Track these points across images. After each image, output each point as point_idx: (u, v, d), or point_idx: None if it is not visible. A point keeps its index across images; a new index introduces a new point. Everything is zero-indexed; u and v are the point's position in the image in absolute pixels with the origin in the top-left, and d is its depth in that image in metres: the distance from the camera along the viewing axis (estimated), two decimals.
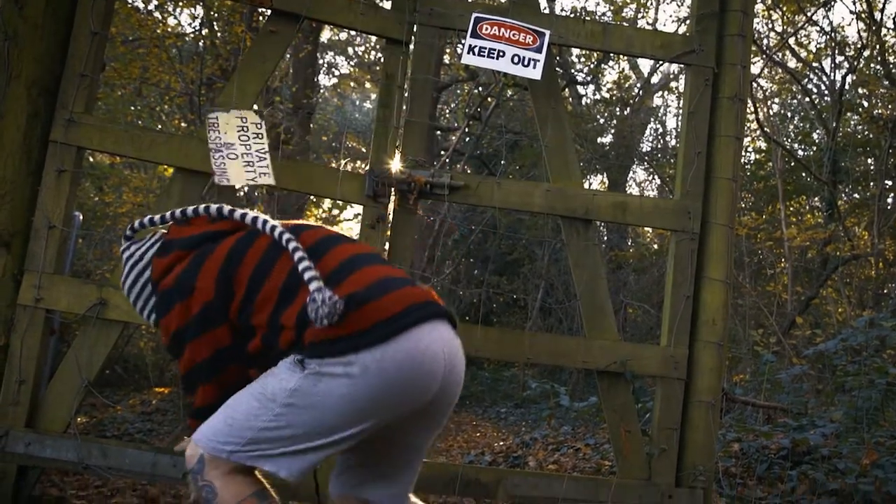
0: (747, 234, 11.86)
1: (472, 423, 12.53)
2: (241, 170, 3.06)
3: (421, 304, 1.90)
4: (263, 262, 1.96)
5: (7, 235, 2.93)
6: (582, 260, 3.36)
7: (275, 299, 1.90)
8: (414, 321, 1.84)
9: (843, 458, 4.38)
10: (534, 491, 3.21)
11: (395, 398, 1.84)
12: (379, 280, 1.90)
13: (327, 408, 1.81)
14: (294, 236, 1.94)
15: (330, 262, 1.93)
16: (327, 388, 1.80)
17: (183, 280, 1.97)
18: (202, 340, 1.95)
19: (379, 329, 1.80)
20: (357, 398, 1.80)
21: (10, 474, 2.90)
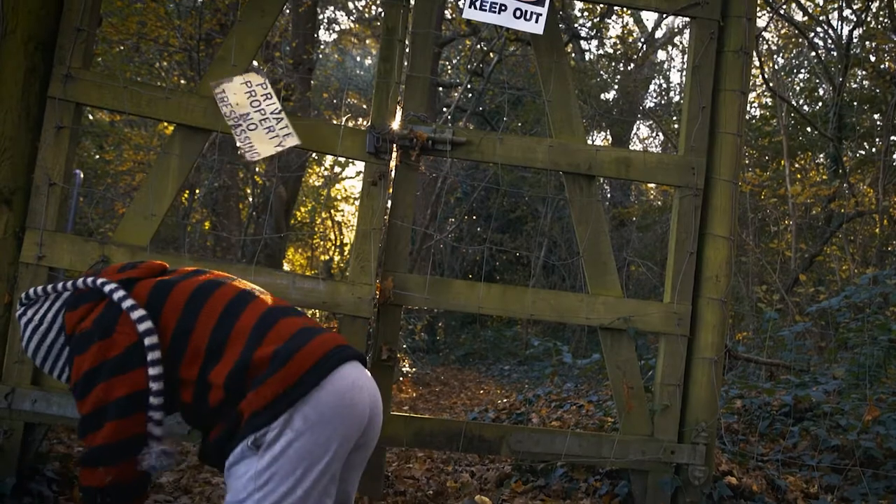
0: (751, 190, 11.81)
1: (476, 380, 12.61)
2: (266, 138, 3.03)
3: (338, 347, 2.04)
4: (185, 316, 2.03)
5: (8, 192, 2.92)
6: (585, 216, 3.34)
7: (202, 357, 2.00)
8: (336, 363, 1.99)
9: (844, 415, 4.41)
10: (537, 447, 3.23)
11: (341, 434, 1.97)
12: (299, 331, 2.03)
13: (291, 465, 1.92)
14: (206, 296, 2.05)
15: (247, 322, 2.02)
16: (283, 450, 1.91)
17: (103, 322, 2.00)
18: (119, 380, 1.97)
19: (307, 379, 1.94)
20: (311, 446, 1.93)
21: (18, 431, 2.92)
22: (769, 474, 3.58)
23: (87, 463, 1.95)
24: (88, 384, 1.97)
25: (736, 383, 5.60)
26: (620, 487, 3.47)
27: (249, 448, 1.93)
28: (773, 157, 13.43)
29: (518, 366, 13.73)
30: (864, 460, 3.79)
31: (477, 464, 4.63)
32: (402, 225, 3.25)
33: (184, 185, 3.26)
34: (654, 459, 3.26)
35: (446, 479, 3.98)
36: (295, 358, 1.94)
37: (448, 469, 4.47)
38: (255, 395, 1.91)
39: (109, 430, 1.96)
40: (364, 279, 3.13)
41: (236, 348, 1.98)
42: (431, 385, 11.11)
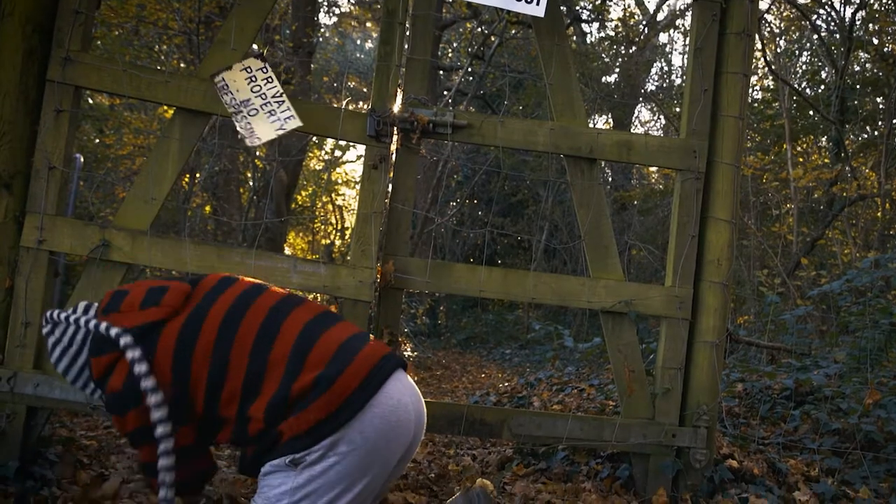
0: (753, 174, 11.78)
1: (477, 364, 12.64)
2: (267, 123, 3.02)
3: (380, 361, 2.02)
4: (217, 356, 2.01)
5: (7, 176, 2.91)
6: (586, 199, 3.33)
7: (239, 395, 1.99)
8: (380, 382, 1.98)
9: (845, 398, 4.41)
10: (538, 430, 3.24)
11: (383, 456, 1.98)
12: (339, 349, 1.99)
13: (328, 485, 1.92)
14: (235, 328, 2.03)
15: (283, 348, 2.00)
16: (323, 471, 1.91)
17: (132, 386, 1.99)
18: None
19: (352, 403, 1.93)
20: (352, 469, 1.93)
21: (20, 415, 2.92)
22: (770, 457, 3.59)
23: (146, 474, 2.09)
24: (139, 441, 2.03)
25: (737, 367, 5.61)
26: (622, 470, 3.48)
27: (288, 465, 1.93)
28: (774, 141, 13.38)
29: (519, 350, 13.75)
30: (865, 444, 3.80)
31: (478, 447, 4.65)
32: (403, 208, 3.25)
33: (184, 168, 3.25)
34: (656, 443, 3.26)
35: (448, 463, 3.99)
36: (338, 381, 1.93)
37: (450, 452, 4.48)
38: (297, 420, 1.91)
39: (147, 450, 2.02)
40: (365, 263, 3.13)
41: (275, 380, 1.96)
42: (433, 369, 11.14)
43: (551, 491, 3.34)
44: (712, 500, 3.21)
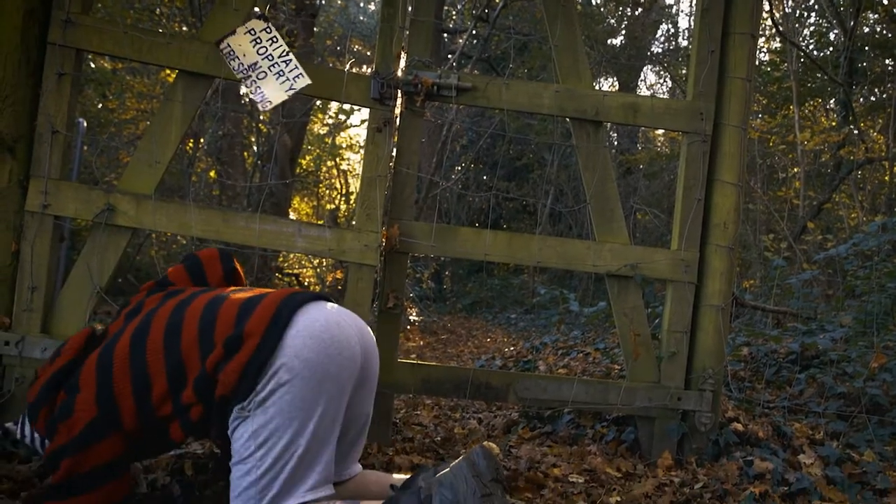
0: (759, 137, 11.69)
1: (483, 328, 12.67)
2: (277, 85, 3.00)
3: (286, 298, 2.04)
4: (136, 370, 2.00)
5: (10, 140, 2.89)
6: (592, 162, 3.31)
7: (169, 393, 1.99)
8: (292, 310, 1.99)
9: (851, 362, 4.41)
10: (544, 394, 3.25)
11: (333, 375, 1.97)
12: (239, 308, 2.02)
13: (287, 418, 1.92)
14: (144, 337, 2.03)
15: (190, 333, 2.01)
16: (275, 405, 1.91)
17: (63, 408, 1.99)
18: (84, 455, 1.97)
19: (270, 334, 1.94)
20: (304, 394, 1.93)
21: (29, 379, 2.93)
22: (775, 421, 3.60)
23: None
24: (55, 462, 1.97)
25: (743, 331, 5.61)
26: (627, 434, 3.49)
27: (240, 416, 1.93)
28: (781, 104, 13.27)
29: (525, 314, 13.78)
30: (870, 407, 3.81)
31: (484, 411, 4.67)
32: (408, 172, 3.23)
33: (188, 133, 3.23)
34: (661, 406, 3.27)
35: (454, 426, 4.01)
36: (245, 332, 1.94)
37: (455, 416, 4.50)
38: (225, 375, 1.91)
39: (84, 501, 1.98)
40: (370, 227, 3.12)
41: (194, 364, 1.97)
42: (438, 333, 11.18)
43: (557, 454, 3.36)
44: (717, 462, 3.23)
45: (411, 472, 2.76)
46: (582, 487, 2.95)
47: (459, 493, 1.95)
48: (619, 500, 2.79)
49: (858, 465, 3.21)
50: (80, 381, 2.01)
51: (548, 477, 3.01)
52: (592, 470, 3.16)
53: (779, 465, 3.11)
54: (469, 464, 2.00)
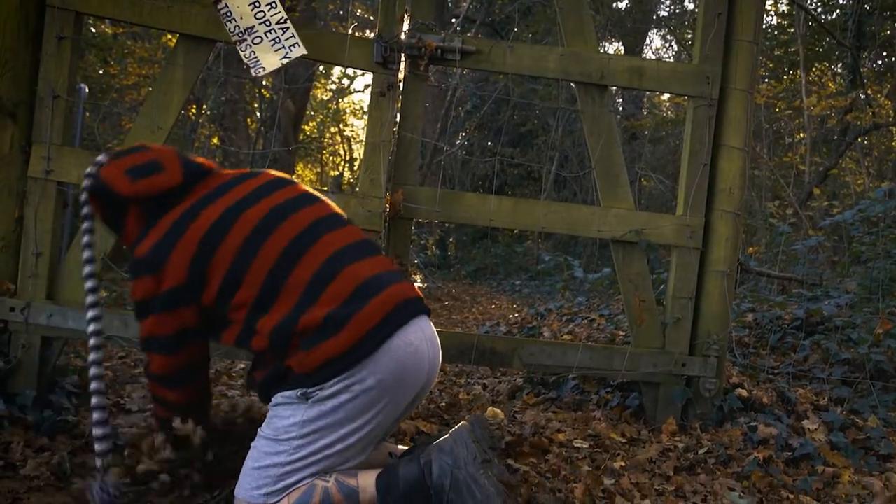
0: (766, 102, 11.61)
1: (487, 295, 12.69)
2: (271, 51, 2.96)
3: (399, 304, 2.01)
4: (238, 262, 2.00)
5: (11, 105, 2.87)
6: (597, 127, 3.28)
7: (250, 305, 1.99)
8: (396, 326, 1.97)
9: (856, 329, 4.41)
10: (548, 360, 3.25)
11: (395, 398, 1.99)
12: (359, 287, 1.98)
13: (338, 423, 1.94)
14: (266, 235, 2.02)
15: (305, 272, 1.98)
16: (334, 409, 1.93)
17: (154, 255, 2.00)
18: (167, 317, 2.02)
19: (368, 341, 1.92)
20: (363, 408, 1.94)
21: (35, 345, 2.94)
22: (779, 387, 3.61)
23: (151, 379, 2.11)
24: (143, 312, 2.04)
25: (748, 297, 5.60)
26: (631, 399, 3.50)
27: (298, 398, 1.93)
28: (788, 68, 13.15)
29: (529, 281, 13.79)
30: (875, 373, 3.81)
31: (489, 376, 4.69)
32: (412, 137, 3.20)
33: (190, 99, 3.20)
34: (666, 372, 3.27)
35: (459, 392, 4.03)
36: (349, 325, 1.91)
37: (460, 382, 4.52)
38: (307, 357, 1.90)
39: (158, 361, 2.07)
40: (374, 192, 3.10)
41: (287, 303, 1.95)
42: (443, 300, 11.20)
43: (561, 420, 3.37)
44: (721, 428, 3.23)
45: (417, 436, 2.77)
46: (586, 452, 2.96)
47: (459, 458, 1.97)
48: (623, 466, 2.80)
49: (862, 431, 3.22)
50: (179, 242, 2.01)
51: (552, 442, 3.02)
52: (597, 435, 3.17)
53: (783, 431, 3.12)
54: (468, 430, 2.02)
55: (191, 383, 2.16)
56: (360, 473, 2.00)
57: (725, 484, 2.66)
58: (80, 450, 2.54)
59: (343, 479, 1.96)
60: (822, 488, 2.73)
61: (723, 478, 2.75)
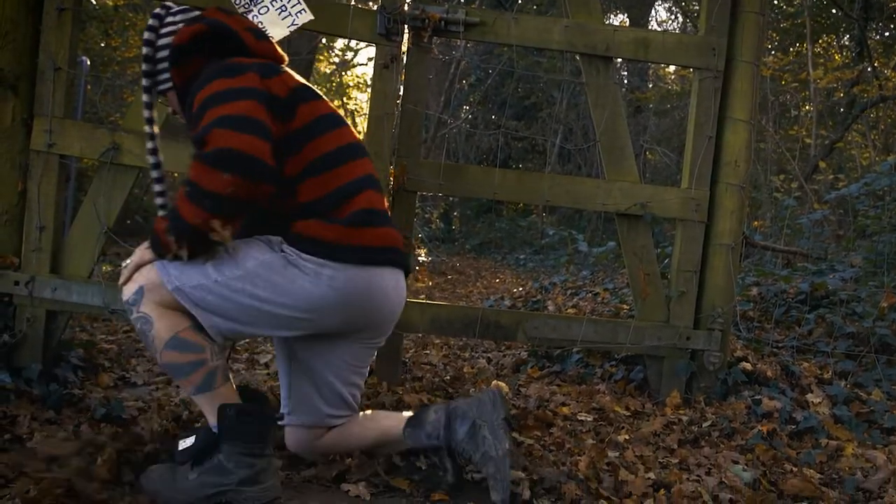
0: (772, 75, 11.51)
1: (491, 269, 12.70)
2: (278, 20, 2.93)
3: (398, 249, 2.15)
4: (317, 123, 2.09)
5: (13, 78, 2.85)
6: (602, 99, 3.26)
7: (307, 164, 2.04)
8: (387, 261, 2.10)
9: (861, 302, 4.40)
10: (553, 333, 3.25)
11: (340, 313, 2.06)
12: (377, 210, 2.11)
13: (283, 292, 1.98)
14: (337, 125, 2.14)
15: (354, 169, 2.11)
16: (292, 276, 1.98)
17: (266, 69, 2.05)
18: (261, 107, 1.92)
19: (358, 252, 2.02)
20: (312, 296, 2.00)
21: (40, 319, 2.95)
22: (784, 360, 3.61)
23: (214, 164, 1.80)
24: (205, 109, 1.90)
25: (752, 271, 5.59)
26: (636, 373, 3.51)
27: (277, 246, 2.01)
28: (795, 40, 13.03)
29: (534, 255, 13.78)
30: (879, 347, 3.81)
31: (493, 350, 4.69)
32: (415, 110, 3.18)
33: None
34: (670, 345, 3.27)
35: (463, 365, 4.04)
36: (362, 229, 2.04)
37: (465, 355, 4.53)
38: (315, 225, 2.00)
39: (248, 140, 1.84)
40: (378, 165, 3.08)
41: (337, 180, 2.06)
42: (447, 274, 11.20)
43: (566, 393, 3.37)
44: (725, 401, 3.24)
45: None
46: (591, 426, 2.97)
47: (484, 410, 2.17)
48: (627, 439, 2.81)
49: (866, 405, 3.22)
50: (281, 75, 2.09)
51: (556, 415, 3.03)
52: (601, 408, 3.18)
53: (787, 404, 3.13)
54: (500, 392, 2.17)
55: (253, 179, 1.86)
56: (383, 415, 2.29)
57: (729, 457, 2.67)
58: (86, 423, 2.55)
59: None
60: (826, 461, 2.73)
61: (726, 451, 2.75)
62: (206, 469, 2.05)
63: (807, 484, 2.43)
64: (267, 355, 3.91)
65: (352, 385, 2.28)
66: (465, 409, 2.21)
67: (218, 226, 1.85)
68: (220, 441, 2.05)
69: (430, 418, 2.23)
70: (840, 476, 2.61)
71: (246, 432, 2.05)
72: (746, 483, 2.43)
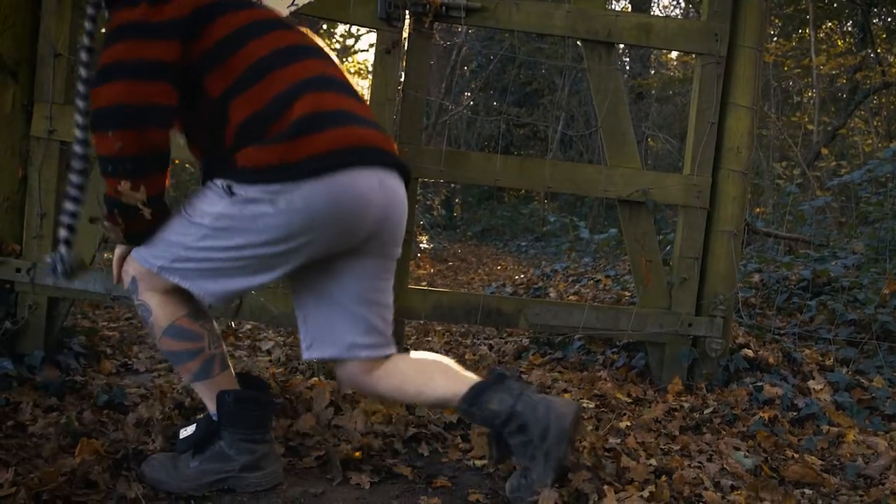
0: (774, 61, 11.47)
1: (493, 256, 12.70)
2: (279, 1, 2.91)
3: (366, 147, 1.90)
4: (237, 35, 1.89)
5: (12, 63, 2.84)
6: (604, 85, 3.24)
7: (234, 78, 1.87)
8: (350, 163, 1.85)
9: (863, 289, 4.40)
10: (554, 320, 3.24)
11: (318, 238, 1.88)
12: (328, 112, 1.87)
13: (250, 233, 1.85)
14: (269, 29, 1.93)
15: (294, 73, 1.89)
16: (252, 216, 1.83)
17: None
18: (150, 44, 1.78)
19: (308, 164, 1.80)
20: (279, 226, 1.83)
21: (42, 306, 2.95)
22: (785, 347, 3.61)
23: (95, 126, 1.77)
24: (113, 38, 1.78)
25: (754, 258, 5.59)
26: (637, 360, 3.51)
27: (225, 189, 1.85)
28: (797, 26, 12.98)
29: (535, 242, 13.79)
30: (881, 334, 3.81)
31: (495, 337, 4.69)
32: (417, 96, 3.17)
33: None
34: (672, 332, 3.27)
35: (465, 352, 4.04)
36: (308, 137, 1.82)
37: (466, 342, 4.53)
38: (255, 152, 1.81)
39: (121, 89, 1.74)
40: None
41: (273, 87, 1.86)
42: (449, 261, 11.20)
43: (567, 380, 3.38)
44: (727, 388, 3.24)
45: None
46: (592, 412, 2.97)
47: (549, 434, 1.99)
48: (628, 425, 2.81)
49: (867, 391, 3.22)
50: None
51: None
52: (603, 395, 3.18)
53: (788, 391, 3.13)
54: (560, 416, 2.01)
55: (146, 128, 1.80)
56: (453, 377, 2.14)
57: (730, 443, 2.67)
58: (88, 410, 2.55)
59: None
60: (827, 448, 2.74)
61: (728, 437, 2.76)
62: (207, 456, 2.05)
63: (808, 470, 2.43)
64: (269, 342, 3.92)
65: (375, 305, 2.08)
66: (529, 419, 2.00)
67: (127, 188, 1.80)
68: (221, 428, 2.05)
69: (490, 406, 2.03)
70: (841, 462, 2.61)
71: (245, 419, 2.05)
72: (748, 469, 2.44)
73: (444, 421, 2.67)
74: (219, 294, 1.96)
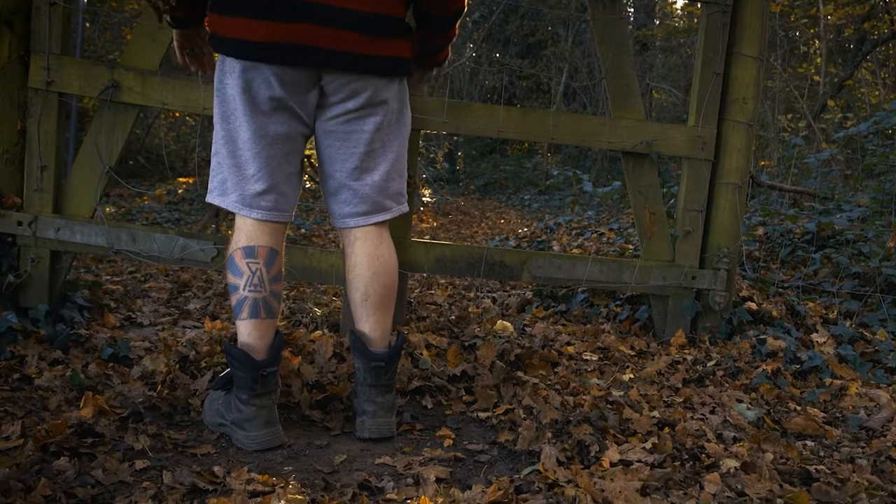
0: (781, 10, 11.31)
1: (496, 209, 12.66)
2: None
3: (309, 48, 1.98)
4: None
5: (7, 12, 2.78)
6: (608, 35, 3.19)
7: None
8: (252, 56, 1.97)
9: (867, 242, 4.38)
10: (558, 273, 3.24)
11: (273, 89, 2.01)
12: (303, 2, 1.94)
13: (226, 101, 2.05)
14: None
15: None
16: (223, 80, 2.05)
17: None
18: None
19: (221, 43, 2.00)
20: (236, 93, 2.02)
21: (44, 259, 2.94)
22: (789, 300, 3.60)
23: None
24: None
25: (759, 211, 5.56)
26: (641, 312, 3.51)
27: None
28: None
29: (538, 195, 13.75)
30: (885, 287, 3.80)
31: (498, 290, 4.69)
32: None
33: None
34: (675, 285, 3.26)
35: (468, 305, 4.04)
36: (226, 17, 1.96)
37: (470, 296, 4.53)
38: (210, 18, 2.02)
39: None
40: None
41: None
42: (452, 214, 11.18)
43: (571, 332, 3.38)
44: (730, 341, 3.24)
45: (426, 352, 2.78)
46: (595, 365, 2.98)
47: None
48: (631, 378, 2.82)
49: (871, 344, 3.23)
50: None
51: (561, 355, 3.04)
52: (606, 348, 3.19)
53: (791, 344, 3.13)
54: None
55: None
56: None
57: (733, 396, 2.68)
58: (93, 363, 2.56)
59: None
60: (830, 400, 2.75)
61: (731, 390, 2.77)
62: (221, 401, 2.10)
63: (810, 422, 2.44)
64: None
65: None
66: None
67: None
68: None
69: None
70: (843, 415, 2.62)
71: (235, 375, 2.06)
72: (750, 421, 2.44)
73: (448, 374, 2.68)
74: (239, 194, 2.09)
